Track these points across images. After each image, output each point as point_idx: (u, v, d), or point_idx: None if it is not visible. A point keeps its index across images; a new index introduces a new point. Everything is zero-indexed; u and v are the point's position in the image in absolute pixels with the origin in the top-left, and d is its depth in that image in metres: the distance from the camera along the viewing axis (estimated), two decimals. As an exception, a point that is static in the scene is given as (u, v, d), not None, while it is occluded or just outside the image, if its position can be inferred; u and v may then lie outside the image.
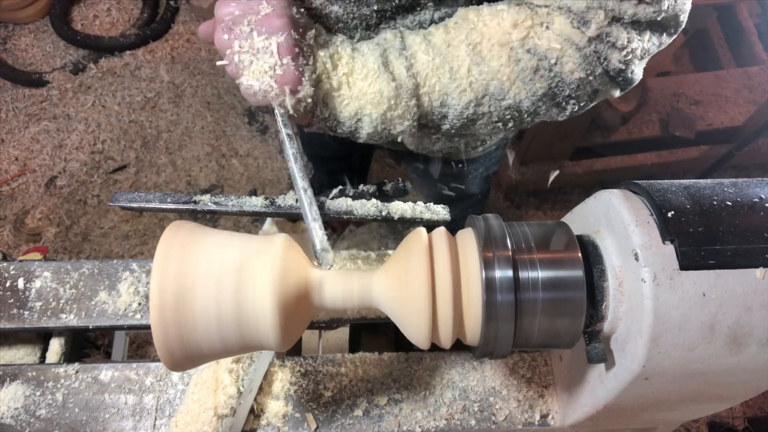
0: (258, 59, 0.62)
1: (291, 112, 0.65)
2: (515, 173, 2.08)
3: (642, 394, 0.57)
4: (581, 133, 1.97)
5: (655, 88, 2.17)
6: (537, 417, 0.74)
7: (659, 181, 0.57)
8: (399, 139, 0.71)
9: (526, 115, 0.70)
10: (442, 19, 0.72)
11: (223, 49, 0.64)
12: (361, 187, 0.77)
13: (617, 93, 0.71)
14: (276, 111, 0.65)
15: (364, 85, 0.66)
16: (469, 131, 0.73)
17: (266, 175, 2.30)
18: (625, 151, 2.12)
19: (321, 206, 0.67)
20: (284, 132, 0.65)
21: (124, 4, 2.64)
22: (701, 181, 0.57)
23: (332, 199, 0.71)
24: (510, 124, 0.71)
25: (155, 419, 0.72)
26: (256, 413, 0.73)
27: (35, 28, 2.56)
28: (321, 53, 0.66)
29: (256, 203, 0.68)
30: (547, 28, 0.64)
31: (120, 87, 2.44)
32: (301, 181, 0.64)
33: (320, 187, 0.73)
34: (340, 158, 1.40)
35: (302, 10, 0.68)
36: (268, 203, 0.69)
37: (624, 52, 0.64)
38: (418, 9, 0.72)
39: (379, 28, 0.74)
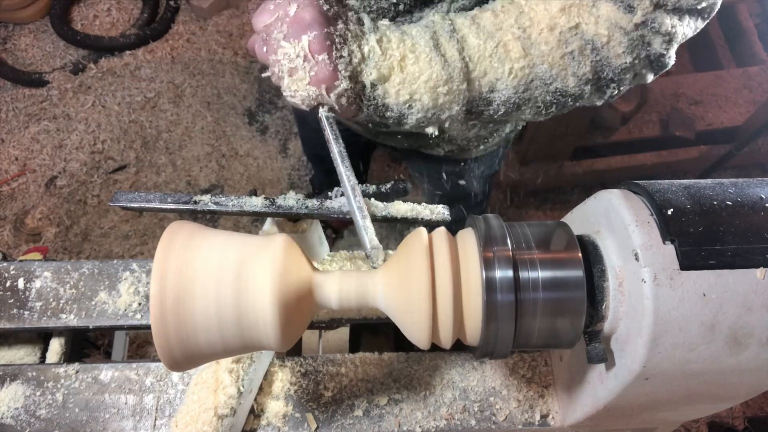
0: (294, 65, 0.61)
1: (336, 108, 0.63)
2: (515, 173, 2.08)
3: (642, 394, 0.57)
4: (581, 133, 1.97)
5: (655, 88, 2.17)
6: (537, 417, 0.74)
7: (659, 181, 0.57)
8: (446, 125, 0.70)
9: (570, 99, 0.70)
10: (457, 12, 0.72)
11: (265, 62, 0.63)
12: (361, 187, 0.77)
13: (651, 77, 0.71)
14: (320, 113, 0.64)
15: (416, 69, 0.64)
16: (510, 117, 0.73)
17: (266, 175, 2.30)
18: (625, 151, 2.12)
19: (321, 206, 0.67)
20: (329, 133, 0.64)
21: (124, 4, 2.64)
22: (701, 181, 0.57)
23: (333, 198, 0.71)
24: (552, 109, 0.71)
25: (155, 419, 0.72)
26: (256, 413, 0.73)
27: (35, 28, 2.56)
28: (368, 38, 0.64)
29: (256, 203, 0.68)
30: (594, 13, 0.64)
31: (120, 87, 2.44)
32: (349, 181, 0.63)
33: (320, 187, 0.73)
34: None
35: None
36: (268, 203, 0.69)
37: (667, 37, 0.66)
38: (436, 1, 0.72)
39: (395, 22, 0.73)
